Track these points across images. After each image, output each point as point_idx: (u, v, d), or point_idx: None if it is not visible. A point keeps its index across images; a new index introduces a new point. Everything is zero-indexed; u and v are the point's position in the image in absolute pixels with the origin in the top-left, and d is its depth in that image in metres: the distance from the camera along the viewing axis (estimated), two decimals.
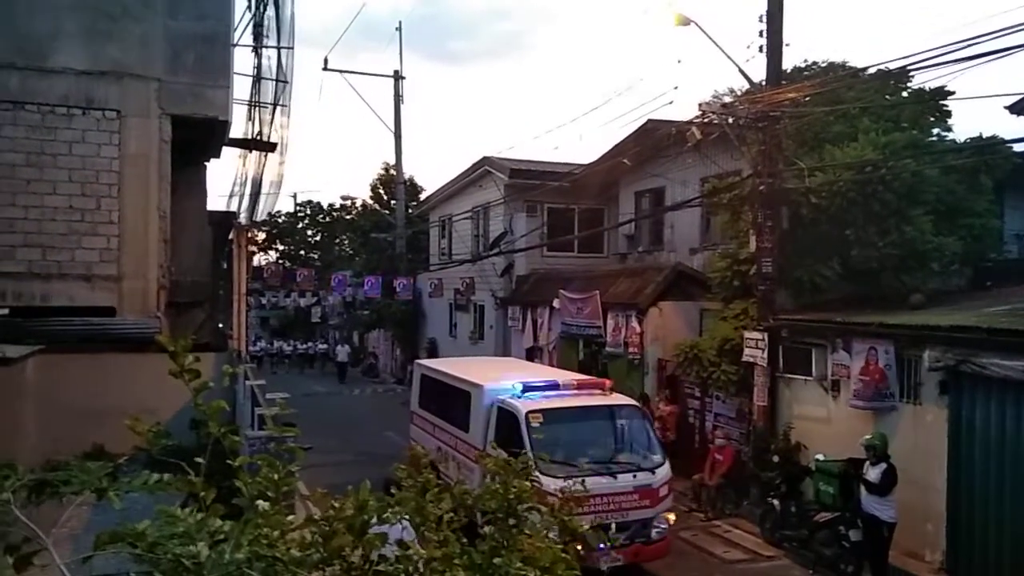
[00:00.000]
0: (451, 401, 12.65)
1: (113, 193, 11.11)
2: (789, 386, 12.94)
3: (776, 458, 12.21)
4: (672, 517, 10.40)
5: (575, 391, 11.19)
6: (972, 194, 13.43)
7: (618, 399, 11.42)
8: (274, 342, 47.37)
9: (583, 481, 8.92)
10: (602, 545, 8.79)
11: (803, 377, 12.47)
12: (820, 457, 10.95)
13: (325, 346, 45.07)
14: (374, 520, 2.41)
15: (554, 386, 11.17)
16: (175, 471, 2.19)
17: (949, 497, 9.96)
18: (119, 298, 11.12)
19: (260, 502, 2.16)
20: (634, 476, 10.01)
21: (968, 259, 13.63)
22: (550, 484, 8.65)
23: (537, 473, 8.31)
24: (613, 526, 9.41)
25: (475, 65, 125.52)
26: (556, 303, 19.73)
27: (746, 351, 13.06)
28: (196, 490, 2.08)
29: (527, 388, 10.88)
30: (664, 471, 10.37)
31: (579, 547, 2.74)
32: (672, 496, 10.63)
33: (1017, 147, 12.96)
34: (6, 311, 9.54)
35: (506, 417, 10.54)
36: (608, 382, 11.82)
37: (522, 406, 10.37)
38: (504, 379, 11.66)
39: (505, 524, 2.38)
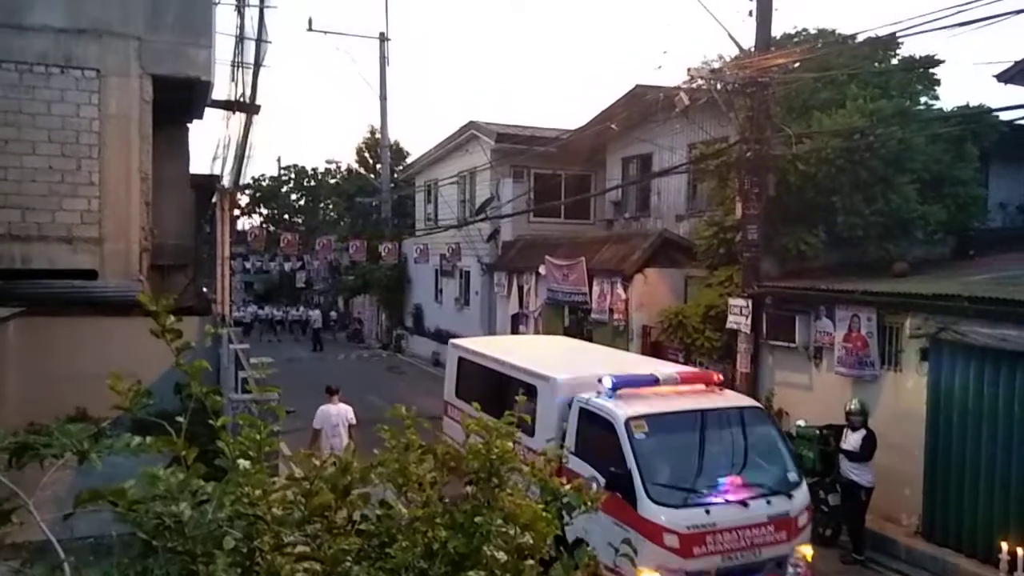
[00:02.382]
0: (504, 394, 9.99)
1: (93, 154, 10.98)
2: (772, 353, 13.04)
3: None
4: (810, 552, 8.08)
5: (678, 388, 8.80)
6: (958, 163, 13.46)
7: (737, 399, 9.15)
8: (264, 307, 45.25)
9: (707, 511, 7.46)
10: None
11: (786, 344, 12.56)
12: (801, 423, 11.07)
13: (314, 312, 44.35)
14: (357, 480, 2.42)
15: (652, 381, 8.69)
16: (158, 434, 2.18)
17: (926, 463, 10.11)
18: (101, 261, 11.05)
19: (241, 461, 2.16)
20: (768, 503, 7.76)
21: (952, 228, 13.70)
22: (668, 517, 7.33)
23: (648, 502, 7.28)
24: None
25: (465, 26, 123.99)
26: (542, 269, 19.72)
27: (730, 318, 13.13)
28: (177, 451, 2.07)
29: (619, 383, 8.41)
30: (803, 494, 8.13)
31: None
32: (810, 526, 8.38)
33: (1003, 116, 12.97)
34: None
35: (594, 423, 8.25)
36: (717, 376, 9.38)
37: (619, 410, 7.98)
38: (579, 369, 9.49)
39: (487, 484, 2.40)
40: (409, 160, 36.74)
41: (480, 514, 2.20)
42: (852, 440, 10.08)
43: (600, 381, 8.46)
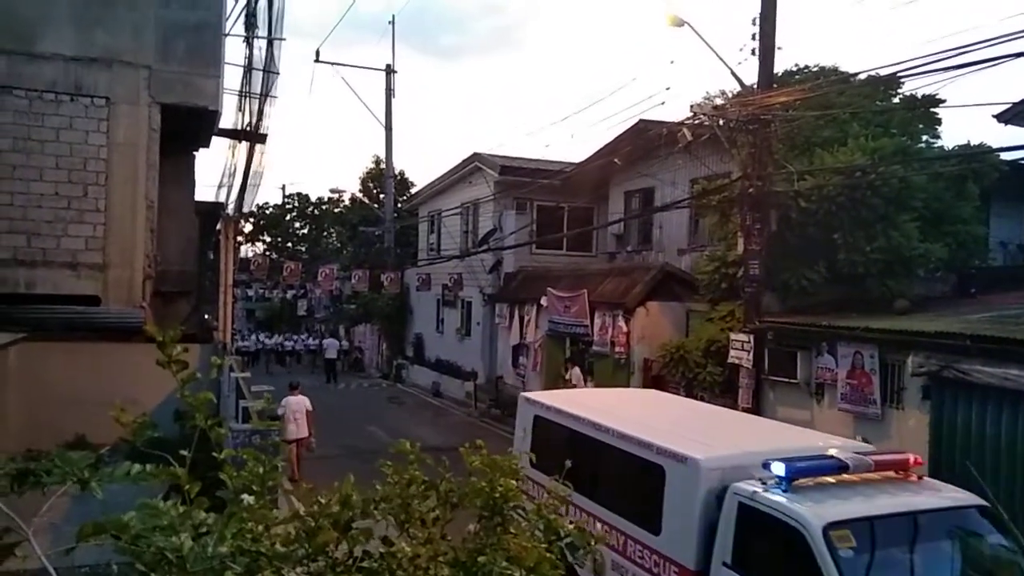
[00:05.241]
0: (610, 472, 7.91)
1: (100, 181, 11.06)
2: (774, 389, 12.99)
3: None
4: None
5: (869, 475, 6.39)
6: (959, 201, 13.53)
7: (954, 493, 6.50)
8: (273, 335, 41.95)
9: None
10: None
11: (787, 380, 12.53)
12: None
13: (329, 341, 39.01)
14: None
15: (838, 467, 6.23)
16: (158, 462, 2.18)
17: None
18: (104, 287, 11.07)
19: (245, 496, 2.15)
20: None
21: (953, 266, 13.74)
22: None
23: None
24: None
25: (467, 60, 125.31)
26: (544, 301, 19.75)
27: (732, 353, 13.11)
28: (181, 482, 2.07)
29: (795, 471, 6.04)
30: None
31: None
32: None
33: (1004, 155, 13.06)
34: None
35: (765, 528, 5.95)
36: (916, 458, 6.73)
37: (809, 512, 5.69)
38: (724, 444, 7.33)
39: (490, 523, 2.38)
40: (413, 190, 36.95)
41: (483, 553, 2.19)
42: None
43: (766, 466, 6.14)
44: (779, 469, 5.99)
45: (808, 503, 5.82)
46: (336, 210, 48.98)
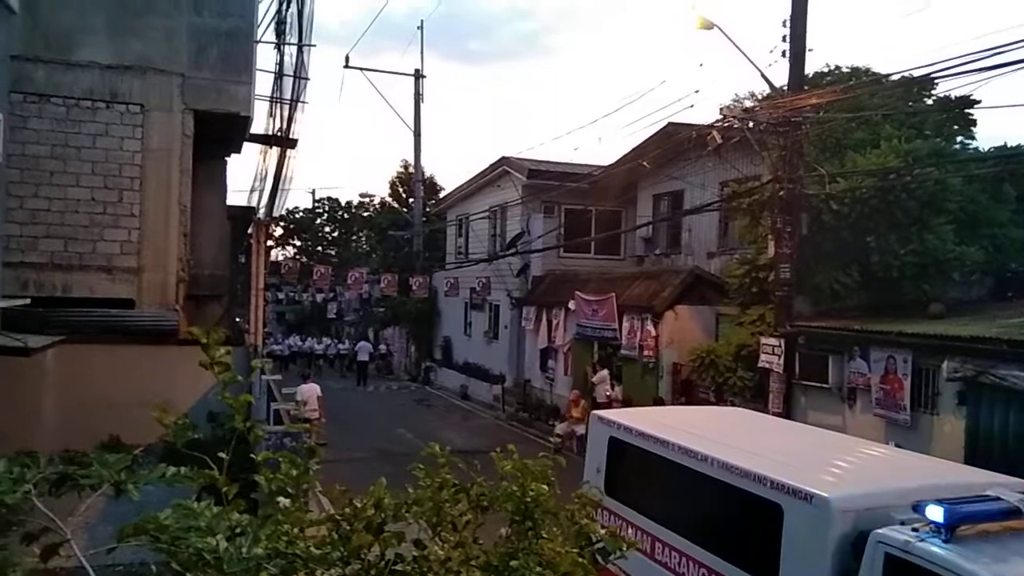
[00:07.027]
0: (708, 507, 6.89)
1: (135, 186, 11.22)
2: (805, 393, 12.86)
3: None
4: None
5: None
6: (995, 204, 13.32)
7: None
8: (306, 339, 40.84)
9: None
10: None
11: (819, 384, 12.39)
12: None
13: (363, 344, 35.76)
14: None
15: (1008, 510, 4.99)
16: (190, 463, 2.21)
17: None
18: (138, 290, 11.23)
19: (281, 499, 2.17)
20: None
21: (989, 269, 13.52)
22: None
23: None
24: None
25: (495, 65, 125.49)
26: (571, 304, 19.72)
27: (762, 357, 12.99)
28: (219, 485, 2.10)
29: (956, 516, 4.83)
30: None
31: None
32: None
33: None
34: (27, 300, 9.65)
35: None
36: None
37: (985, 572, 4.56)
38: (857, 480, 6.18)
39: (522, 527, 2.38)
40: (442, 194, 37.05)
41: (515, 558, 2.19)
42: None
43: (917, 509, 5.02)
44: (936, 514, 4.81)
45: (984, 559, 4.64)
46: (365, 214, 49.28)
